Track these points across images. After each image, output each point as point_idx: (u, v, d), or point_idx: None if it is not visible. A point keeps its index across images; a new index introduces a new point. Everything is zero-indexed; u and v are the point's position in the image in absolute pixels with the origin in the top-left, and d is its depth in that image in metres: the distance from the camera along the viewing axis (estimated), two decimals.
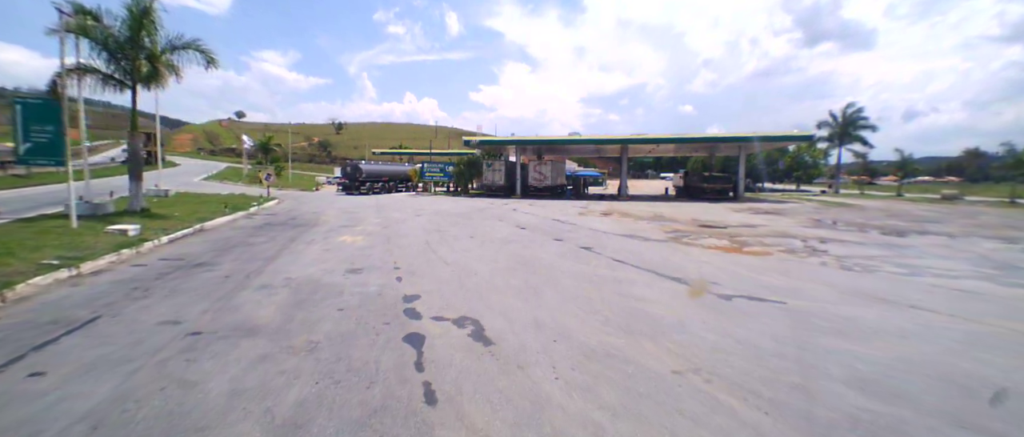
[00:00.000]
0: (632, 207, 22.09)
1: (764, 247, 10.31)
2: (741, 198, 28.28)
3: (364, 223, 13.59)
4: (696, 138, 28.11)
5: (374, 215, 16.07)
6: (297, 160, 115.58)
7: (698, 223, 15.08)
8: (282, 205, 19.48)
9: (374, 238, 10.64)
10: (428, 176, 32.86)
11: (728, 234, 12.38)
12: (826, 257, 9.15)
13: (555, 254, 8.89)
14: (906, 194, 35.43)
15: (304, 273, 6.97)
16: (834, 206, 24.09)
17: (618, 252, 9.24)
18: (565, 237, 11.28)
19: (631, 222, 15.16)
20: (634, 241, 10.89)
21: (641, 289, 6.30)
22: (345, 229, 12.18)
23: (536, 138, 31.01)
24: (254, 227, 12.26)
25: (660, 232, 12.63)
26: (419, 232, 11.73)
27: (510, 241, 10.44)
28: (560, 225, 13.89)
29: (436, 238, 10.72)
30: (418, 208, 19.36)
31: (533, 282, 6.56)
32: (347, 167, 29.40)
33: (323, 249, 9.05)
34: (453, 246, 9.59)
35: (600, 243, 10.39)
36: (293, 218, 14.59)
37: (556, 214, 17.64)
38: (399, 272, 7.11)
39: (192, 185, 29.87)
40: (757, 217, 17.49)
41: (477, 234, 11.58)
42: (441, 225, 13.33)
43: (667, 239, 11.32)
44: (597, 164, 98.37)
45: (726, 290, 6.33)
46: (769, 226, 14.55)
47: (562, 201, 26.39)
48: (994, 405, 3.24)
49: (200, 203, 16.31)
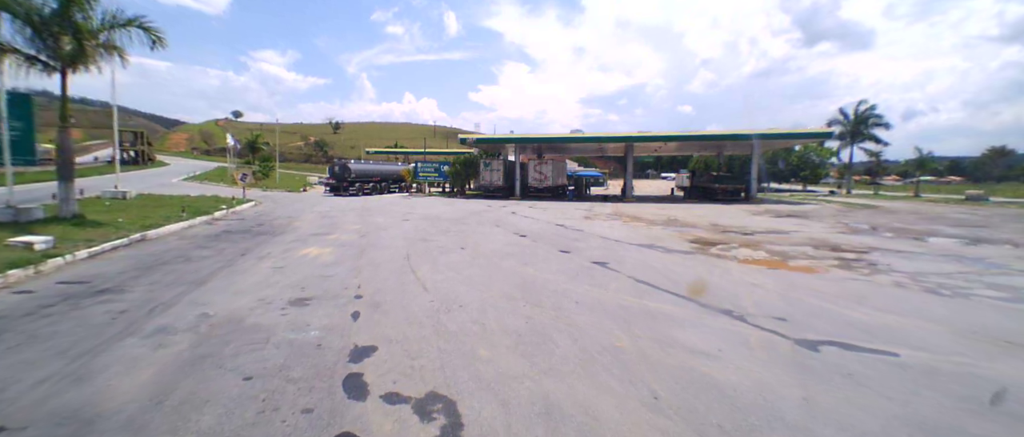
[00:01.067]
0: (640, 210, 20.36)
1: (811, 261, 8.58)
2: (754, 199, 26.58)
3: (340, 230, 11.84)
4: (705, 135, 26.42)
5: (355, 220, 14.31)
6: (293, 160, 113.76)
7: (719, 228, 13.36)
8: (257, 208, 17.71)
9: (345, 250, 8.88)
10: (422, 176, 31.06)
11: (759, 243, 10.65)
12: (896, 275, 7.42)
13: (563, 273, 7.14)
14: (924, 194, 33.75)
15: (231, 306, 5.21)
16: (857, 208, 22.38)
17: (640, 269, 7.49)
18: (572, 248, 9.54)
19: (644, 228, 13.43)
20: (655, 253, 9.15)
21: (689, 333, 4.55)
22: (315, 238, 10.42)
23: (536, 136, 29.29)
24: (208, 236, 10.50)
25: (681, 240, 10.90)
26: (401, 242, 9.97)
27: (508, 255, 8.68)
28: (565, 232, 12.15)
29: (420, 250, 8.96)
30: (407, 211, 17.60)
31: (539, 322, 4.81)
32: (335, 166, 27.53)
33: (274, 267, 7.28)
34: (438, 262, 7.83)
35: (616, 256, 8.64)
36: (260, 224, 12.82)
37: (559, 218, 15.90)
38: (359, 304, 5.35)
39: (168, 186, 28.04)
40: (781, 221, 15.77)
41: (469, 244, 9.83)
42: (429, 233, 11.58)
43: (692, 250, 9.58)
44: (597, 164, 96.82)
45: (804, 331, 4.59)
46: (800, 232, 12.83)
47: (564, 203, 24.66)
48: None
49: (158, 206, 14.55)
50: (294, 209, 17.74)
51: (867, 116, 38.58)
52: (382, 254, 8.49)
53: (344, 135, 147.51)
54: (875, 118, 38.23)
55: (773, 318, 5.04)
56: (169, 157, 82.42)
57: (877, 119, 38.23)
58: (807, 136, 27.98)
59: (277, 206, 18.94)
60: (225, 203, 16.84)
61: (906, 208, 22.69)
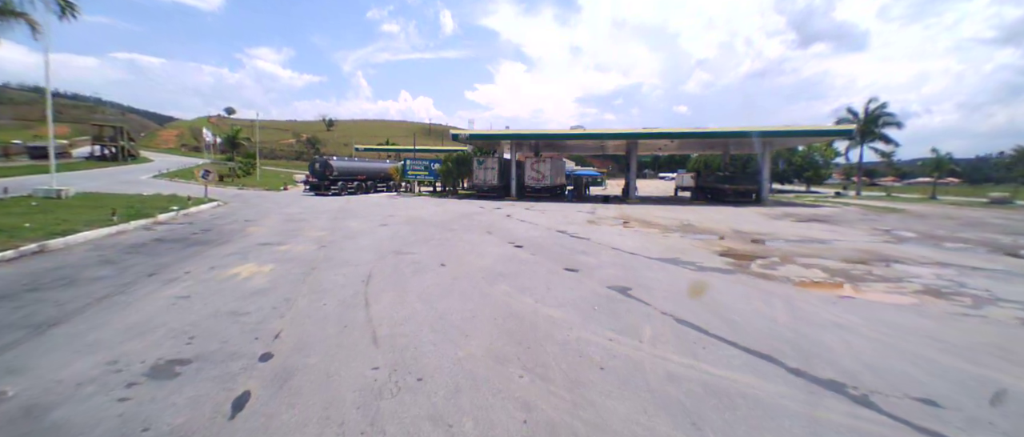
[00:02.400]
0: (648, 212, 18.50)
1: (885, 284, 6.74)
2: (765, 201, 24.83)
3: (300, 237, 9.88)
4: (715, 133, 24.59)
5: (325, 224, 12.34)
6: (284, 157, 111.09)
7: (745, 236, 11.51)
8: (219, 209, 15.68)
9: (291, 268, 6.94)
10: (411, 175, 29.03)
11: (802, 255, 8.81)
12: (1008, 306, 5.60)
13: (574, 308, 5.24)
14: (940, 197, 32.16)
15: (54, 376, 3.27)
16: (880, 212, 20.64)
17: (676, 299, 5.61)
18: (580, 263, 7.64)
19: (659, 235, 11.56)
20: (684, 272, 7.27)
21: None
22: (262, 250, 8.46)
23: (533, 132, 27.36)
24: (128, 247, 8.50)
25: (709, 252, 9.03)
26: (368, 256, 8.03)
27: (500, 275, 6.76)
28: (568, 241, 10.25)
29: (387, 269, 7.03)
30: (389, 214, 15.64)
31: (546, 419, 2.90)
32: (315, 163, 25.37)
33: (177, 297, 5.33)
34: (406, 289, 5.90)
35: (639, 278, 6.75)
36: (207, 230, 10.83)
37: (560, 222, 14.01)
38: (259, 374, 3.42)
39: (132, 183, 25.85)
40: (809, 227, 13.97)
41: (453, 258, 7.91)
42: (407, 242, 9.64)
43: (729, 266, 7.71)
44: (594, 163, 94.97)
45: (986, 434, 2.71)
46: (840, 241, 11.01)
47: (563, 204, 22.77)
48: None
49: (94, 208, 12.50)
50: (261, 210, 15.73)
51: (878, 115, 36.98)
52: (336, 275, 6.54)
53: (338, 132, 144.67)
54: (887, 117, 36.64)
55: (915, 401, 3.16)
56: (156, 154, 79.80)
57: (888, 118, 36.65)
58: (824, 133, 26.27)
59: (244, 207, 16.90)
60: (178, 204, 14.80)
61: (933, 211, 20.98)
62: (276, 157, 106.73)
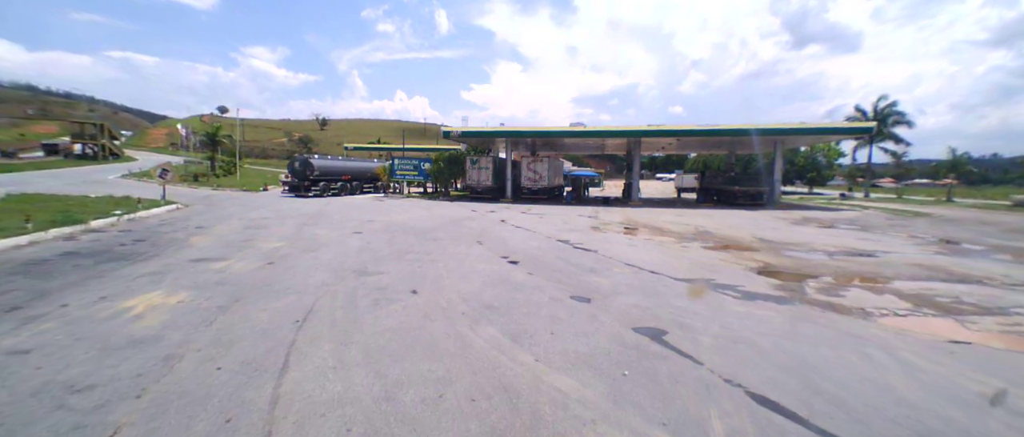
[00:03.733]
0: (655, 217, 16.89)
1: (992, 317, 5.13)
2: (776, 204, 23.29)
3: (248, 251, 8.16)
4: (724, 130, 22.96)
5: (287, 233, 10.64)
6: (275, 157, 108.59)
7: (775, 247, 9.91)
8: (174, 213, 13.90)
9: (210, 296, 5.24)
10: (400, 175, 27.24)
11: (862, 275, 7.19)
12: None
13: (593, 370, 3.58)
14: (957, 199, 30.76)
15: None
16: (905, 215, 19.12)
17: (738, 355, 3.95)
18: (592, 289, 5.98)
19: (676, 246, 9.94)
20: (728, 301, 5.62)
21: None
22: (195, 267, 6.75)
23: (530, 129, 25.69)
24: (26, 261, 6.76)
25: (744, 270, 7.40)
26: (320, 278, 6.34)
27: (487, 308, 5.08)
28: (574, 255, 8.60)
29: (338, 301, 5.33)
30: (367, 219, 13.92)
31: None
32: (295, 163, 23.52)
33: (11, 350, 3.62)
34: (350, 339, 4.21)
35: (672, 312, 5.09)
36: (142, 240, 9.09)
37: (561, 228, 12.36)
38: None
39: (94, 183, 23.91)
40: (840, 235, 12.39)
41: (429, 282, 6.22)
42: (377, 256, 7.96)
43: (779, 292, 6.08)
44: (591, 163, 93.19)
45: None
46: (890, 253, 9.43)
47: (562, 207, 21.13)
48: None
49: (17, 212, 10.67)
50: (223, 214, 13.96)
51: (888, 113, 35.58)
52: (264, 311, 4.84)
53: (331, 132, 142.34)
54: (897, 115, 35.25)
55: None
56: (143, 152, 77.65)
57: (899, 116, 35.25)
58: (841, 131, 24.76)
59: (207, 210, 15.12)
60: (125, 207, 13.01)
61: (962, 215, 19.47)
62: (268, 156, 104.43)
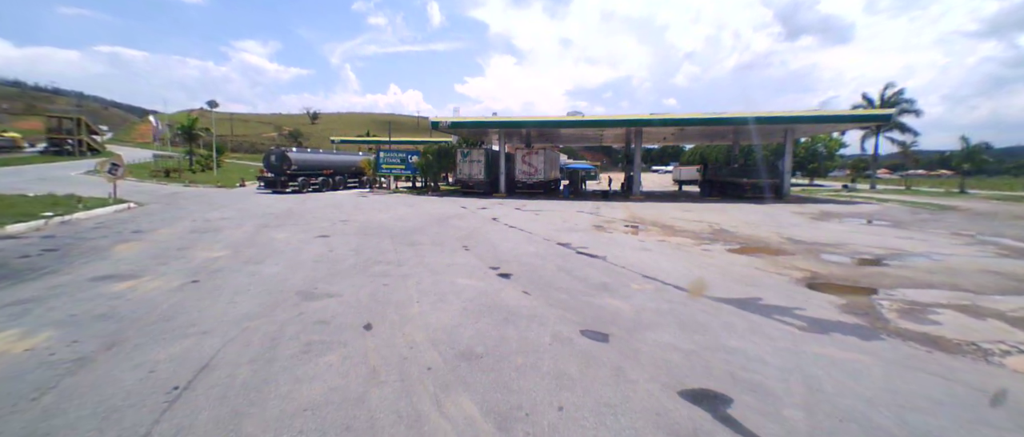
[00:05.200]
0: (661, 212, 15.45)
1: None
2: (787, 197, 21.92)
3: (177, 262, 6.60)
4: (730, 118, 21.44)
5: (236, 238, 9.07)
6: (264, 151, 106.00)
7: (813, 250, 8.48)
8: (121, 214, 12.27)
9: (78, 339, 3.72)
10: (385, 168, 25.57)
11: (932, 285, 5.77)
12: None
13: None
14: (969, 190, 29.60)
15: None
16: (932, 209, 17.82)
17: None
18: (608, 318, 4.50)
19: (696, 249, 8.49)
20: (793, 332, 4.17)
21: None
22: (89, 289, 5.20)
23: (524, 119, 24.09)
24: None
25: (790, 283, 5.96)
26: (245, 308, 4.80)
27: (466, 357, 3.58)
28: (578, 264, 7.11)
29: (253, 348, 3.81)
30: (342, 219, 12.35)
31: None
32: (270, 156, 21.77)
33: None
34: (241, 427, 2.68)
35: (726, 358, 3.61)
36: (57, 249, 7.49)
37: (560, 228, 10.87)
38: None
39: (58, 180, 22.05)
40: (877, 233, 11.01)
41: (391, 310, 4.71)
42: (333, 271, 6.42)
43: (853, 319, 4.63)
44: (586, 156, 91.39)
45: None
46: (942, 256, 8.04)
47: (559, 202, 19.65)
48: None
49: None
50: (178, 214, 12.32)
51: (895, 102, 34.30)
52: (140, 366, 3.31)
53: (322, 126, 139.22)
54: (905, 104, 33.98)
55: None
56: (128, 148, 75.08)
57: (907, 105, 33.98)
58: (858, 118, 23.49)
59: (163, 209, 13.47)
60: (63, 207, 11.35)
61: (992, 209, 18.17)
62: (257, 151, 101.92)
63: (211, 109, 31.28)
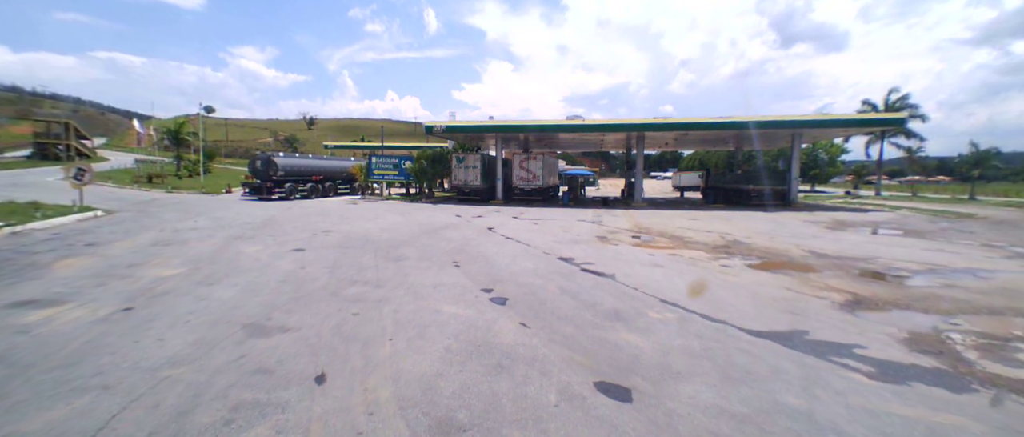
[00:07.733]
0: (667, 221, 14.61)
1: None
2: (794, 205, 21.14)
3: (122, 282, 5.68)
4: (735, 123, 20.68)
5: (199, 252, 8.15)
6: None
7: (843, 266, 7.61)
8: (85, 222, 11.32)
9: None
10: (377, 174, 24.65)
11: (990, 311, 4.90)
12: None
13: None
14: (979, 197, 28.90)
15: None
16: (950, 217, 17.04)
17: None
18: (628, 366, 3.61)
19: (713, 264, 7.62)
20: (863, 387, 3.27)
21: None
22: (1, 320, 4.27)
23: (522, 123, 23.30)
24: None
25: (831, 308, 5.08)
26: (178, 344, 3.90)
27: (444, 430, 2.67)
28: (584, 284, 6.22)
29: (160, 413, 2.89)
30: (324, 229, 11.44)
31: None
32: (256, 162, 20.84)
33: None
34: None
35: (790, 424, 2.72)
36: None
37: (561, 240, 9.99)
38: None
39: (32, 186, 21.06)
40: (899, 244, 10.17)
41: (354, 352, 3.81)
42: (297, 294, 5.51)
43: (926, 359, 3.75)
44: (584, 162, 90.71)
45: None
46: (987, 271, 7.19)
47: (559, 209, 18.80)
48: None
49: None
50: (144, 224, 11.37)
51: (900, 107, 33.73)
52: None
53: (319, 131, 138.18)
54: (910, 108, 33.41)
55: None
56: (121, 153, 73.91)
57: (912, 111, 33.41)
58: (871, 122, 22.79)
59: (134, 218, 12.52)
60: (18, 216, 10.41)
61: (1009, 217, 17.40)
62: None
63: (206, 114, 30.34)
